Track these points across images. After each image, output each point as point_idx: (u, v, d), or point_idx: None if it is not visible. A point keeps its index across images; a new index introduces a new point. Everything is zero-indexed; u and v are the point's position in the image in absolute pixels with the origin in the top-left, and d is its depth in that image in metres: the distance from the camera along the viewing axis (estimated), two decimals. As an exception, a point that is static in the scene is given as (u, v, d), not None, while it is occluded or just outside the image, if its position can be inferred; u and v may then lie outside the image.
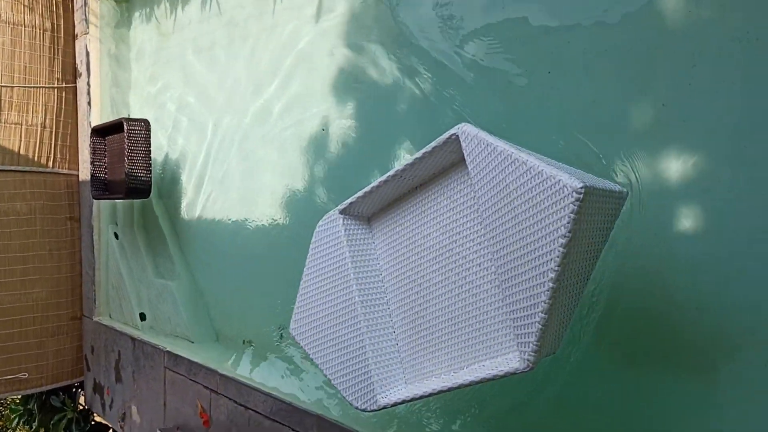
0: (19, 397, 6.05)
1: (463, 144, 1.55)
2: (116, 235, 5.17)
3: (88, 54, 5.22)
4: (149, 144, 4.34)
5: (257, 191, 3.75)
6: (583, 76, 2.14)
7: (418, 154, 1.67)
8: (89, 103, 5.23)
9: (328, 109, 3.20)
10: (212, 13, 4.13)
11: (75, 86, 5.47)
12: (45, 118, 5.29)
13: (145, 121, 4.36)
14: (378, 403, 1.76)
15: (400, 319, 1.82)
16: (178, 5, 4.54)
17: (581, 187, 1.24)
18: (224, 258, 4.08)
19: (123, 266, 5.03)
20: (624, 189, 1.52)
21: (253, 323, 3.81)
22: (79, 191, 5.54)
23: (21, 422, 6.10)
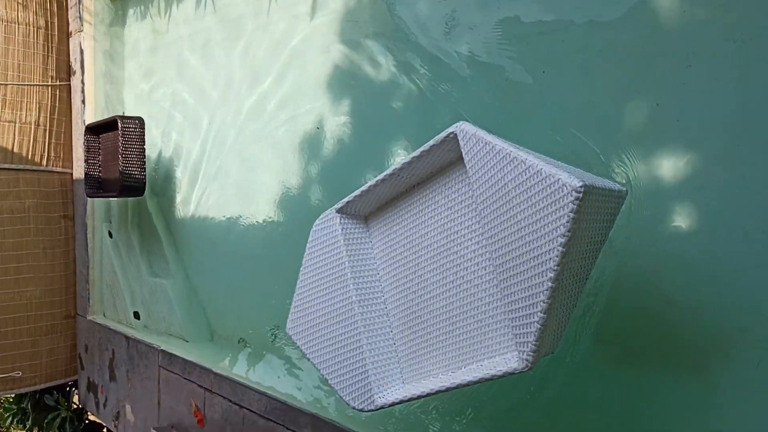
0: (13, 396, 6.03)
1: (461, 142, 1.54)
2: (110, 233, 5.15)
3: (82, 51, 5.19)
4: (143, 142, 4.32)
5: (252, 188, 3.73)
6: (579, 74, 2.13)
7: (415, 153, 1.65)
8: (83, 101, 5.20)
9: (324, 106, 3.19)
10: (207, 10, 4.11)
11: (69, 84, 5.43)
12: (39, 116, 5.26)
13: (139, 118, 4.34)
14: (375, 403, 1.74)
15: (398, 318, 1.81)
16: (172, 2, 4.51)
17: (581, 186, 1.23)
18: (219, 256, 4.07)
19: (117, 265, 5.01)
20: (624, 188, 1.51)
21: (247, 322, 3.79)
22: (73, 189, 5.51)
23: (15, 421, 6.09)
